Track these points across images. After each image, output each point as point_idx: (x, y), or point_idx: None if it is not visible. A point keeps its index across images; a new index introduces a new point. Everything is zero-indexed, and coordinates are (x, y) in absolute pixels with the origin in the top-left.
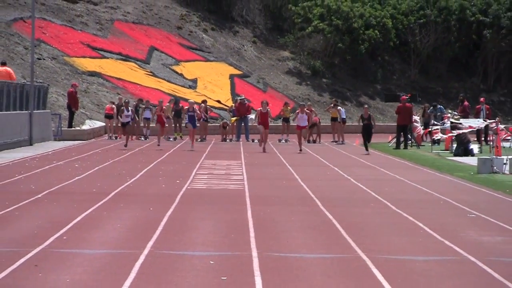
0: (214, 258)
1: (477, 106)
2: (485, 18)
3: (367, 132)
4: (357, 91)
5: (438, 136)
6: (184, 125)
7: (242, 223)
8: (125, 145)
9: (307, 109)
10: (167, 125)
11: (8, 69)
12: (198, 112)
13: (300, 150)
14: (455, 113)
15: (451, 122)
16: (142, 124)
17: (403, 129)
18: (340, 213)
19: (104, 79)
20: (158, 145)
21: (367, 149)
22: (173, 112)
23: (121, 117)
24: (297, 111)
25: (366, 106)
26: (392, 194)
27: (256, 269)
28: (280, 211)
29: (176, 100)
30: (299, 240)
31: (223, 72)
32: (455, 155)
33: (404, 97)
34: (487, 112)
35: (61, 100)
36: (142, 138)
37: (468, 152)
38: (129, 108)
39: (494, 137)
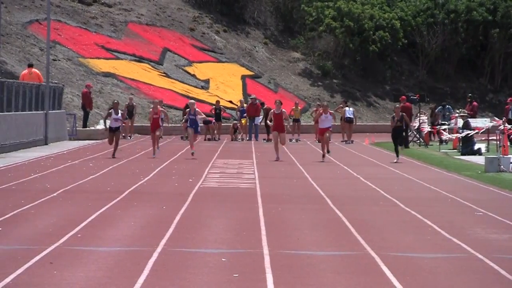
0: (226, 255)
1: (506, 106)
2: (493, 18)
3: (398, 136)
4: (366, 92)
5: (445, 136)
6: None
7: (253, 221)
8: (113, 155)
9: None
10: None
11: (37, 71)
12: (202, 115)
13: (323, 156)
14: (464, 110)
15: (462, 117)
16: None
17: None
18: (349, 211)
19: (118, 80)
20: (154, 156)
21: (397, 155)
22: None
23: (108, 120)
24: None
25: (397, 105)
26: (400, 192)
27: (268, 266)
28: (291, 209)
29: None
30: (309, 237)
31: (235, 73)
32: (463, 154)
33: (403, 97)
34: None
35: (76, 100)
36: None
37: (475, 151)
38: (119, 110)
39: (501, 137)
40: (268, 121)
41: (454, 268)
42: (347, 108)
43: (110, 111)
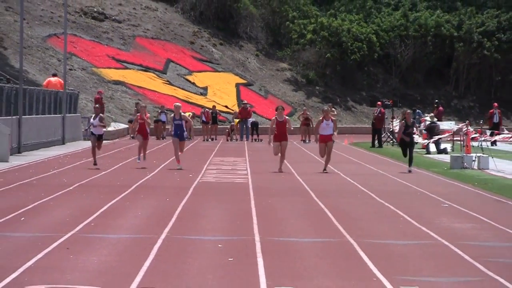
0: (222, 242)
1: (490, 111)
2: (458, 33)
3: (409, 144)
4: (345, 97)
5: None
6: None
7: (246, 211)
8: (95, 163)
9: (303, 114)
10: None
11: (59, 79)
12: (189, 120)
13: (325, 169)
14: (432, 114)
15: (428, 120)
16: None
17: (379, 131)
18: (331, 203)
19: (127, 87)
20: (138, 161)
21: (410, 164)
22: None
23: (90, 127)
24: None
25: (408, 111)
26: (375, 186)
27: (259, 252)
28: (279, 201)
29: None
30: (295, 226)
31: (230, 81)
32: (430, 153)
33: (379, 102)
34: (499, 116)
35: (90, 105)
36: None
37: (442, 151)
38: (100, 115)
39: (464, 138)
40: (270, 131)
41: (423, 253)
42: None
43: (91, 116)
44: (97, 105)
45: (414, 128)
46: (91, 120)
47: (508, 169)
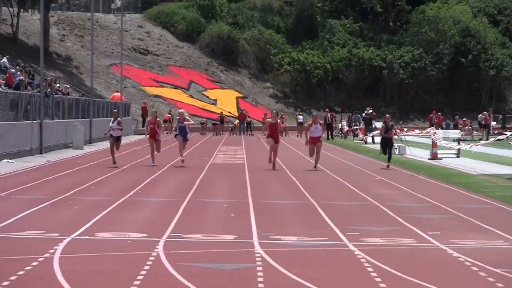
0: (227, 203)
1: (430, 116)
2: (384, 63)
3: (388, 144)
4: (309, 106)
5: (359, 133)
6: (175, 136)
7: (243, 182)
8: (114, 162)
9: (280, 117)
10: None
11: (119, 94)
12: (189, 122)
13: (315, 167)
14: (369, 108)
15: (366, 114)
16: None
17: (331, 127)
18: (300, 177)
19: (163, 99)
20: (152, 164)
21: (389, 160)
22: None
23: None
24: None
25: (387, 115)
26: (329, 165)
27: (251, 210)
28: (265, 176)
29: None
30: (275, 192)
31: (232, 95)
32: (366, 143)
33: (327, 109)
34: (437, 119)
35: (138, 112)
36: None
37: (373, 141)
38: (118, 119)
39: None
40: (264, 129)
41: (362, 211)
42: (300, 116)
43: (111, 120)
44: (115, 111)
45: (393, 130)
46: (110, 124)
47: (418, 154)
